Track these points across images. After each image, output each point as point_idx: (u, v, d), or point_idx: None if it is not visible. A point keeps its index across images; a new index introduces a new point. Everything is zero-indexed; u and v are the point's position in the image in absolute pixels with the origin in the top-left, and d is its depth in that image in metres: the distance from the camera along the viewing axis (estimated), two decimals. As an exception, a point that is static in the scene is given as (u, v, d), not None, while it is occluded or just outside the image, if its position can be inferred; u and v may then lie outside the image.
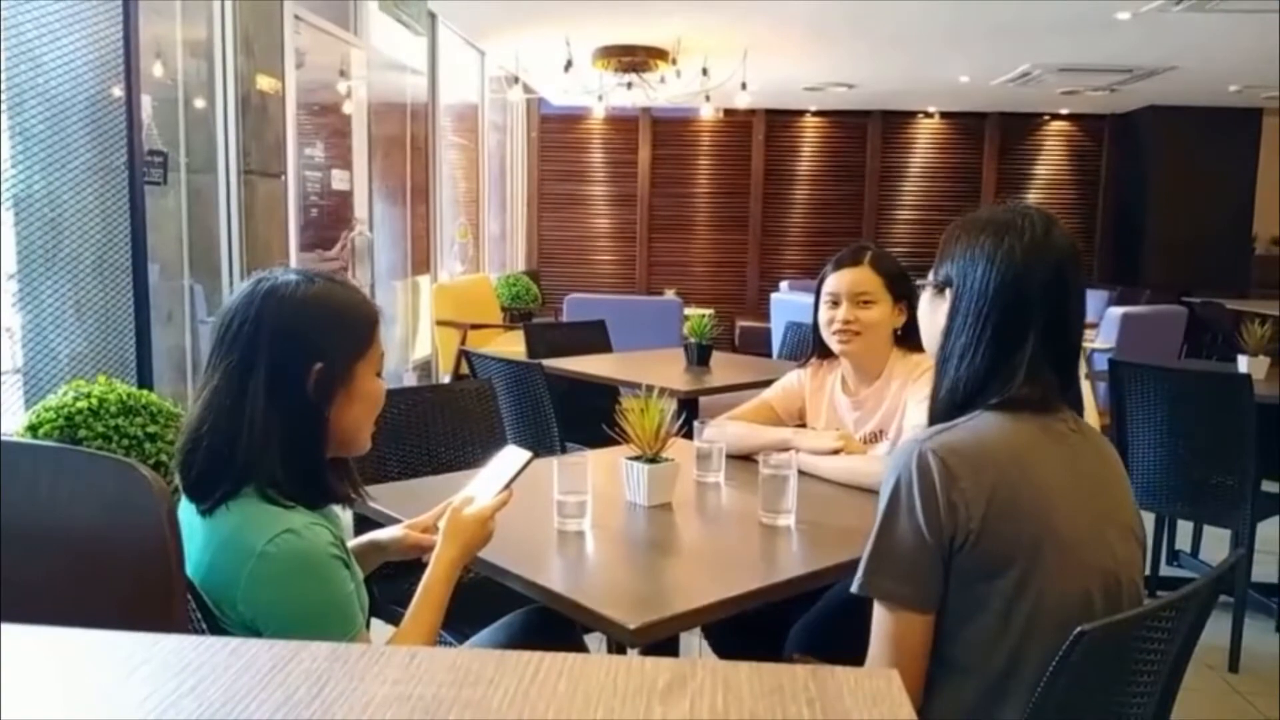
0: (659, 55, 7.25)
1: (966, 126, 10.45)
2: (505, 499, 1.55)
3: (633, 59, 7.28)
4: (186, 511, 1.39)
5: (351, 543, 1.57)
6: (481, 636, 1.86)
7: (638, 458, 1.93)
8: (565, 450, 3.22)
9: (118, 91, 3.14)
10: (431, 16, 6.64)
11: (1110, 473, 1.41)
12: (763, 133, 10.50)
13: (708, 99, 7.93)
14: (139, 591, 1.33)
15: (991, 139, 10.41)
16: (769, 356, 6.17)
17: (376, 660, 0.84)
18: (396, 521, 1.73)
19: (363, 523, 1.85)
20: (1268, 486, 3.31)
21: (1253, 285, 9.36)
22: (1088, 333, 6.10)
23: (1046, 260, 1.36)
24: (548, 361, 3.68)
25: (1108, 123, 10.33)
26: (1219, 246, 9.47)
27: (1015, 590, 1.27)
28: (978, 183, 10.43)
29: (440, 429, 2.65)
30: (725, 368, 3.90)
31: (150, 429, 2.52)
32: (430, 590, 1.46)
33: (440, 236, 7.21)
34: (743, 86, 7.55)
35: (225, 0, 3.92)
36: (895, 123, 10.49)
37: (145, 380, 3.17)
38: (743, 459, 2.20)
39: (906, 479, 1.30)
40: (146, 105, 3.33)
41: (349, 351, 1.40)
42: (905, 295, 2.29)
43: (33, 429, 2.43)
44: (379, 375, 1.46)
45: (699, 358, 3.87)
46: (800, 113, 10.47)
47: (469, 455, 2.65)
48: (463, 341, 6.54)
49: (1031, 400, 1.34)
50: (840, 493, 2.05)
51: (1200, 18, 5.89)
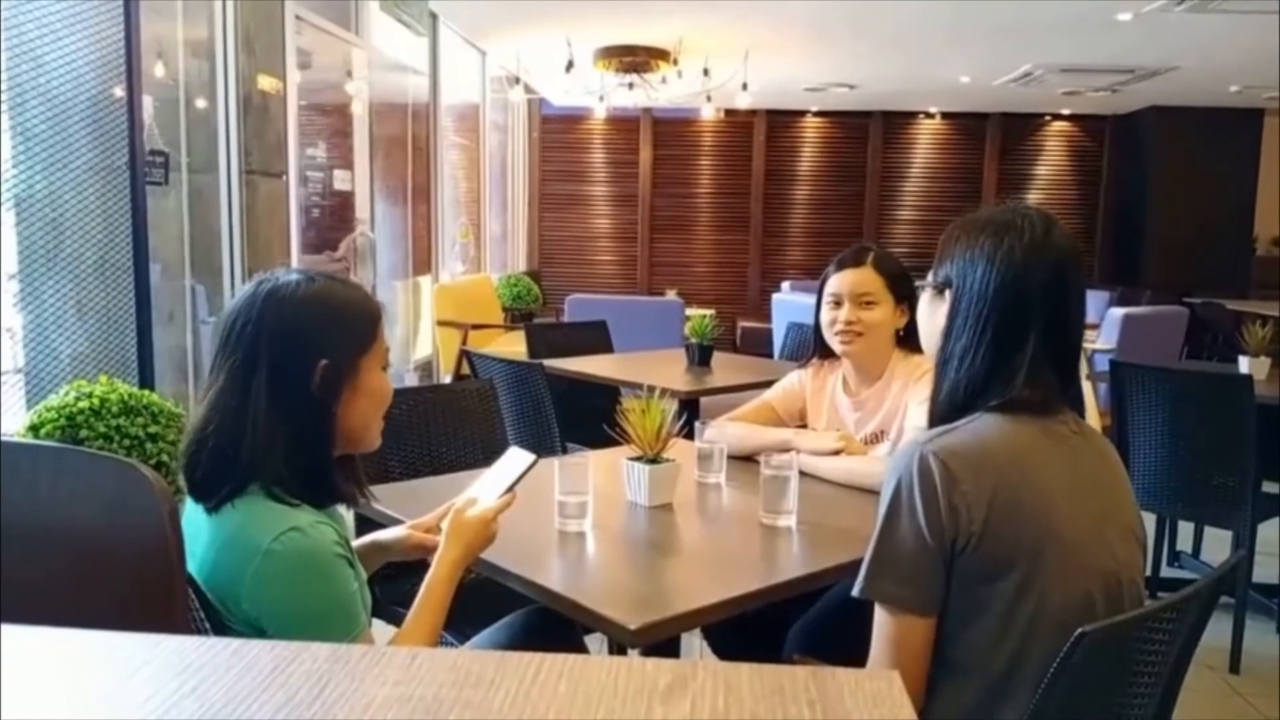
0: (660, 56, 7.24)
1: (967, 127, 10.44)
2: (508, 501, 1.56)
3: (634, 59, 7.27)
4: (192, 510, 1.39)
5: (354, 543, 1.57)
6: (482, 637, 1.86)
7: (639, 458, 1.93)
8: (566, 451, 3.22)
9: (119, 91, 3.14)
10: (432, 16, 6.64)
11: (1111, 474, 1.41)
12: (764, 133, 10.50)
13: (709, 99, 7.93)
14: (140, 592, 1.33)
15: (993, 139, 10.40)
16: (770, 357, 6.17)
17: (377, 661, 0.84)
18: (398, 522, 1.73)
19: (364, 523, 1.85)
20: (1268, 487, 3.30)
21: (1253, 286, 9.35)
22: (1089, 333, 6.10)
23: (1046, 261, 1.35)
24: (549, 362, 3.68)
25: (1109, 123, 10.33)
26: (1220, 247, 9.46)
27: (1016, 592, 1.27)
28: (979, 183, 10.43)
29: (441, 429, 2.65)
30: (726, 368, 3.90)
31: (151, 429, 2.52)
32: (432, 591, 1.46)
33: (441, 237, 7.21)
34: (744, 87, 7.55)
35: (226, 0, 3.92)
36: (896, 123, 10.48)
37: (147, 380, 3.18)
38: (744, 460, 2.20)
39: (907, 482, 1.30)
40: (148, 105, 3.33)
41: (352, 348, 1.40)
42: (907, 296, 2.29)
43: (34, 429, 2.44)
44: (385, 370, 1.46)
45: (700, 358, 3.87)
46: (801, 113, 10.47)
47: (470, 455, 2.65)
48: (464, 342, 6.55)
49: (1032, 402, 1.34)
50: (841, 494, 2.05)
51: (1201, 18, 5.89)
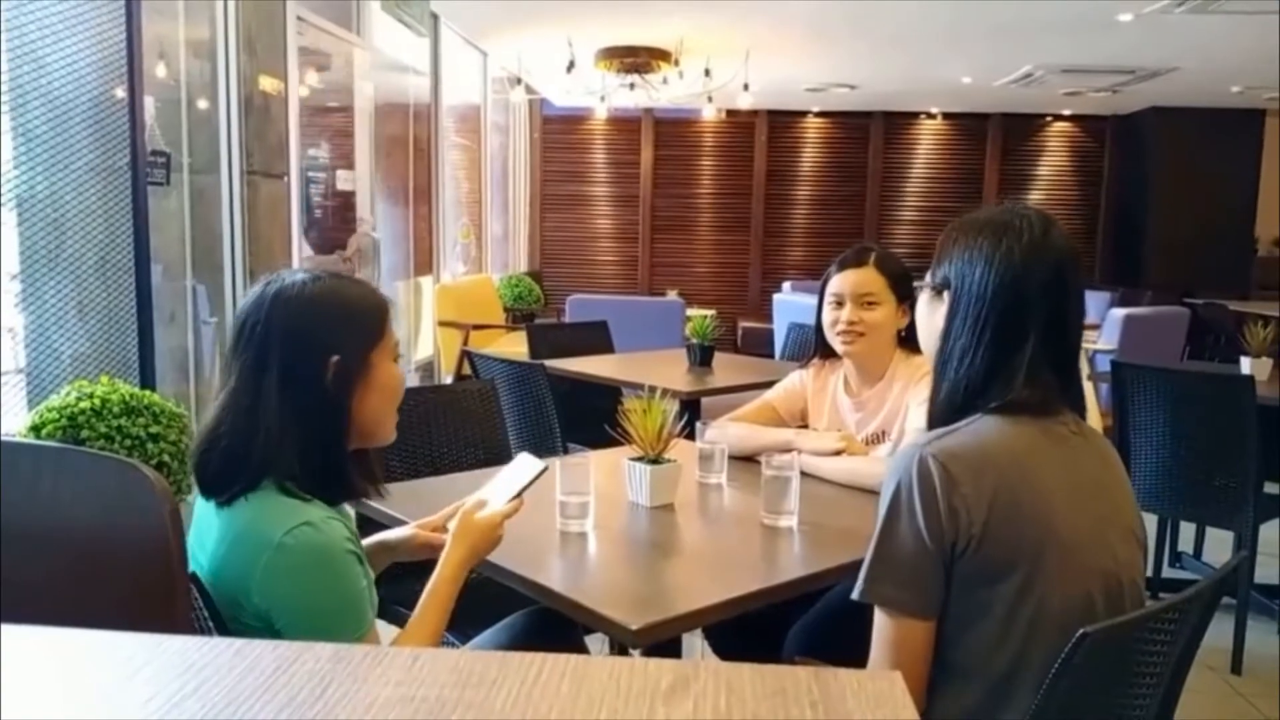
0: (661, 56, 7.24)
1: (969, 127, 10.44)
2: (516, 507, 1.57)
3: (635, 60, 7.27)
4: (202, 507, 1.40)
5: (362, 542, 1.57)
6: (484, 638, 1.86)
7: (640, 459, 1.93)
8: (567, 451, 3.22)
9: (120, 92, 3.14)
10: (434, 17, 6.64)
11: (1111, 475, 1.40)
12: (765, 134, 10.49)
13: (710, 100, 7.93)
14: (141, 591, 1.33)
15: (994, 140, 10.40)
16: (771, 357, 6.17)
17: (379, 662, 0.84)
18: (399, 522, 1.73)
19: (365, 524, 1.85)
20: (1270, 488, 3.30)
21: (1253, 287, 9.35)
22: (1090, 334, 6.10)
23: (1045, 261, 1.35)
24: (550, 362, 3.68)
25: (1110, 124, 10.32)
26: (1221, 248, 9.45)
27: (1017, 594, 1.26)
28: (980, 183, 10.42)
29: (442, 429, 2.65)
30: (727, 369, 3.89)
31: (153, 429, 2.52)
32: (437, 591, 1.47)
33: (443, 237, 7.21)
34: (745, 87, 7.55)
35: (228, 1, 3.92)
36: (897, 124, 10.48)
37: (148, 381, 3.18)
38: (745, 460, 2.20)
39: (907, 484, 1.30)
40: (149, 106, 3.33)
41: (362, 343, 1.42)
42: (909, 296, 2.29)
43: (36, 429, 2.44)
44: (396, 362, 1.48)
45: (701, 359, 3.87)
46: (802, 113, 10.46)
47: (471, 456, 2.65)
48: (465, 342, 6.55)
49: (1031, 403, 1.34)
50: (842, 494, 2.05)
51: (1202, 19, 5.89)
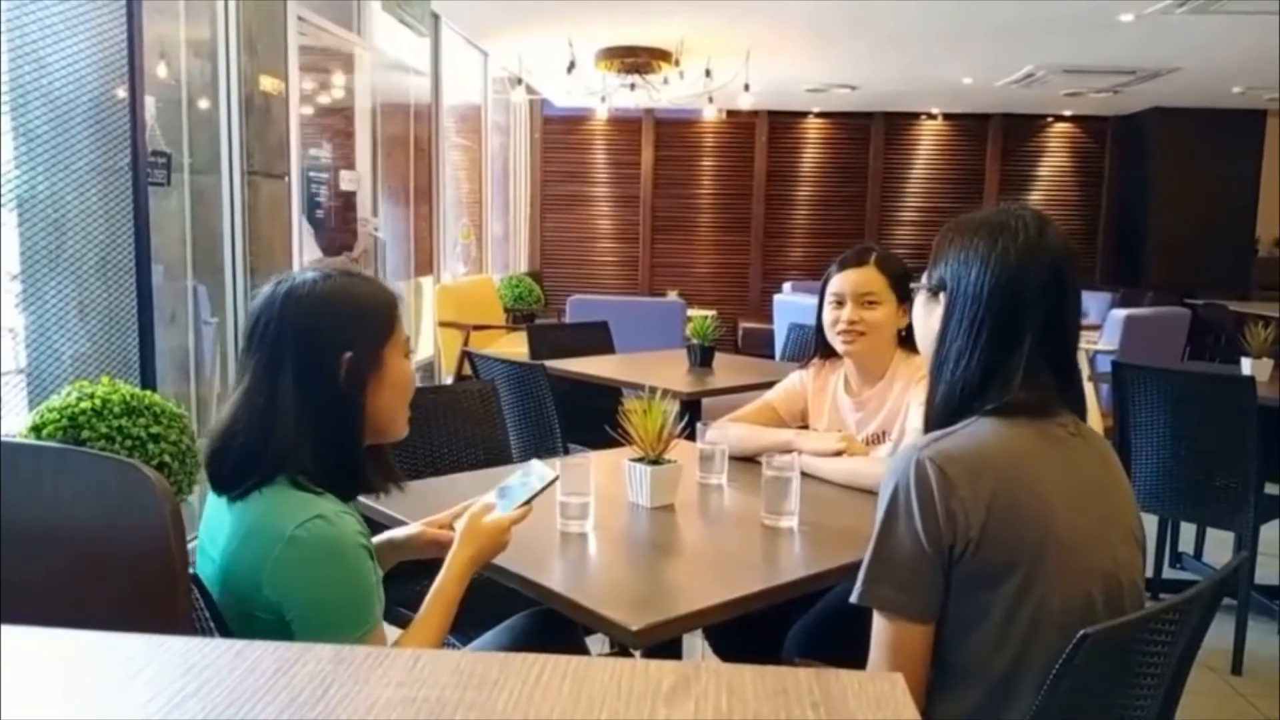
0: (662, 56, 7.24)
1: (969, 128, 10.43)
2: (524, 514, 1.58)
3: (635, 60, 7.27)
4: (214, 504, 1.41)
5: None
6: (485, 639, 1.86)
7: (640, 459, 1.93)
8: (568, 451, 3.22)
9: (121, 92, 3.14)
10: (434, 17, 6.64)
11: (1110, 475, 1.40)
12: (765, 134, 10.49)
13: (710, 100, 7.93)
14: (142, 591, 1.33)
15: (995, 140, 10.39)
16: (772, 358, 6.17)
17: (381, 663, 0.84)
18: (399, 522, 1.73)
19: (366, 524, 1.85)
20: (1270, 489, 3.30)
21: (1254, 287, 9.35)
22: (1091, 334, 6.10)
23: (1041, 261, 1.35)
24: (550, 362, 3.68)
25: (1111, 124, 10.32)
26: (1221, 248, 9.45)
27: (1017, 596, 1.26)
28: (980, 184, 10.42)
29: (443, 430, 2.65)
30: (728, 369, 3.89)
31: (154, 430, 2.52)
32: (443, 591, 1.47)
33: (443, 237, 7.21)
34: (745, 88, 7.55)
35: (229, 1, 3.92)
36: (898, 124, 10.47)
37: (149, 381, 3.18)
38: (745, 461, 2.20)
39: (904, 487, 1.29)
40: (150, 106, 3.33)
41: (374, 339, 1.43)
42: (909, 296, 2.29)
43: (36, 429, 2.44)
44: (407, 358, 1.49)
45: (701, 359, 3.87)
46: (803, 114, 10.46)
47: (472, 456, 2.65)
48: (465, 342, 6.55)
49: (1029, 404, 1.33)
50: (843, 494, 2.05)
51: (1203, 19, 5.89)
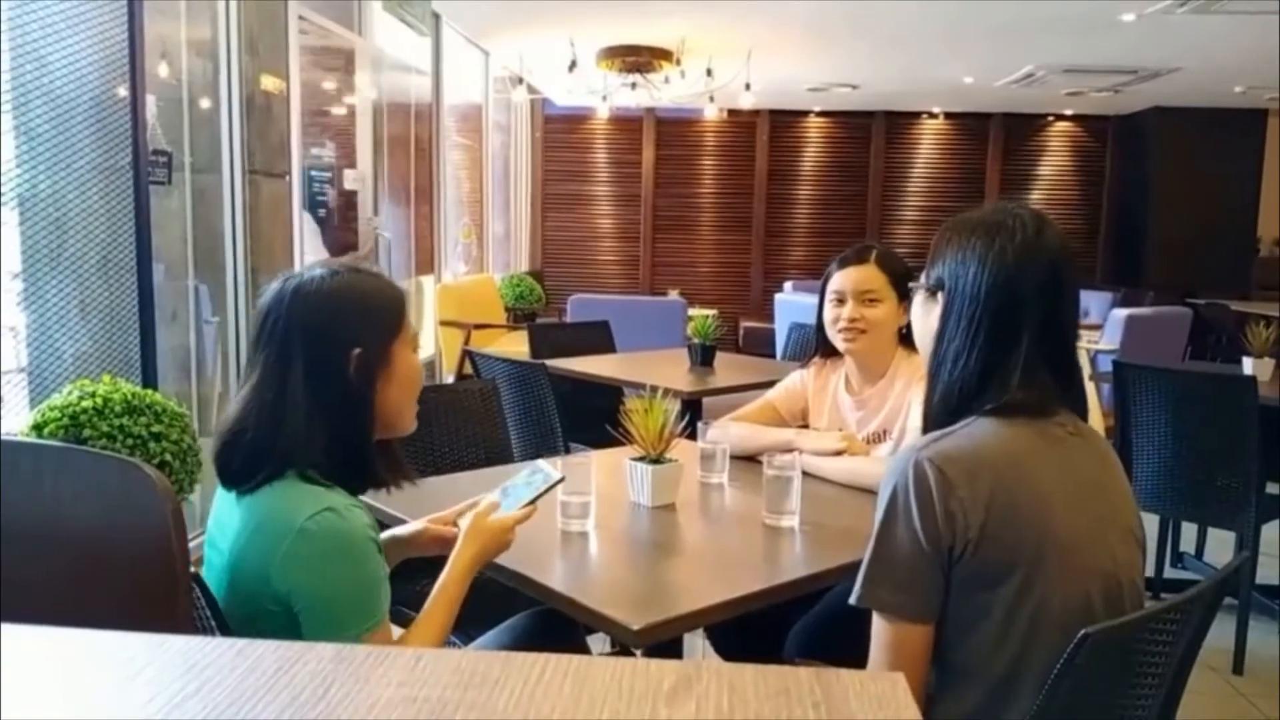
0: (663, 56, 7.24)
1: (970, 127, 10.43)
2: (529, 514, 1.58)
3: (637, 59, 7.27)
4: (223, 497, 1.42)
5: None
6: (486, 638, 1.86)
7: (641, 458, 1.93)
8: (569, 451, 3.22)
9: (122, 91, 3.14)
10: (435, 16, 6.64)
11: (1109, 475, 1.40)
12: (767, 133, 10.49)
13: (712, 99, 7.92)
14: (142, 591, 1.33)
15: (995, 139, 10.39)
16: (773, 357, 6.17)
17: (382, 662, 0.84)
18: (399, 521, 1.73)
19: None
20: (1271, 489, 3.29)
21: (1254, 287, 9.35)
22: (1092, 334, 6.10)
23: (1038, 261, 1.35)
24: (551, 362, 3.67)
25: (1112, 124, 10.31)
26: (1222, 248, 9.44)
27: (1016, 596, 1.26)
28: (981, 183, 10.41)
29: (444, 429, 2.65)
30: (729, 368, 3.89)
31: (155, 429, 2.52)
32: (446, 589, 1.48)
33: (444, 237, 7.21)
34: (746, 87, 7.54)
35: (230, 0, 3.92)
36: (899, 123, 10.47)
37: (150, 380, 3.18)
38: (746, 460, 2.20)
39: (903, 488, 1.29)
40: (151, 105, 3.33)
41: (382, 334, 1.44)
42: (910, 294, 2.29)
43: (38, 428, 2.44)
44: (415, 352, 1.50)
45: (703, 358, 3.87)
46: (804, 113, 10.46)
47: (473, 455, 2.66)
48: (466, 342, 6.55)
49: (1027, 404, 1.33)
50: (844, 494, 2.05)
51: (1204, 19, 5.88)
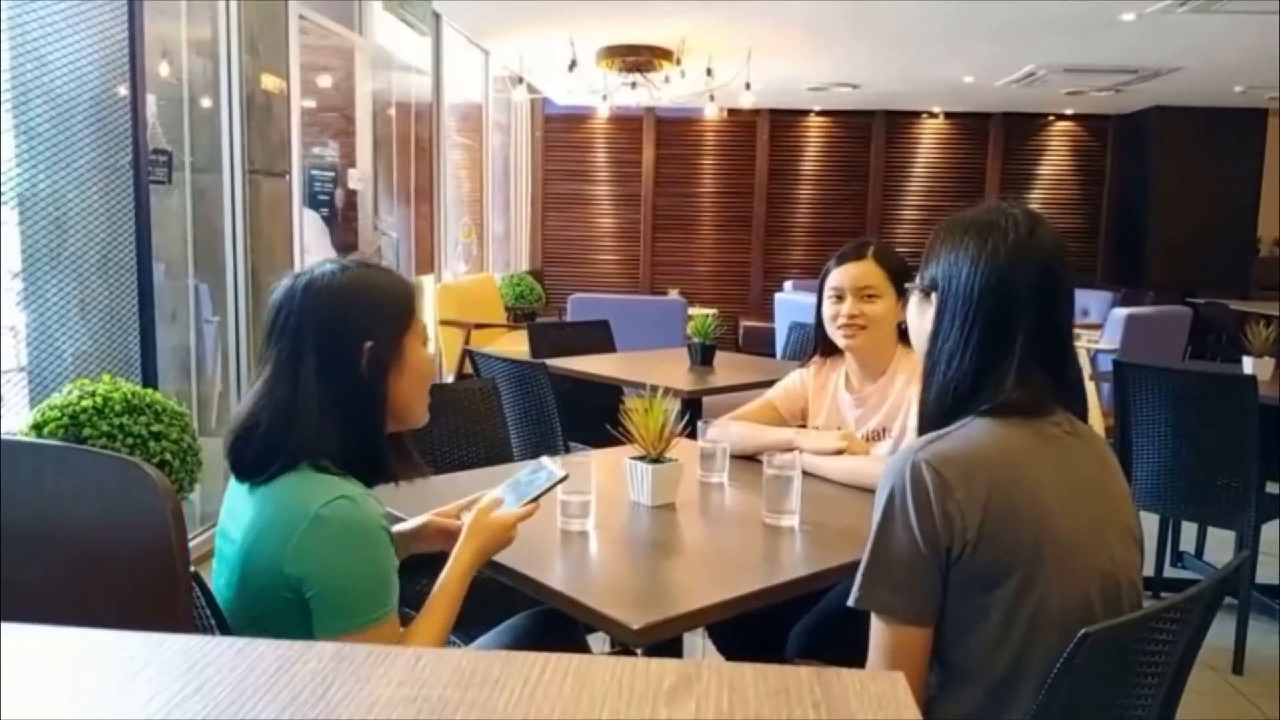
0: (663, 55, 7.24)
1: (971, 126, 10.43)
2: (531, 511, 1.58)
3: (637, 59, 7.27)
4: (236, 488, 1.42)
5: None
6: (487, 638, 1.86)
7: (641, 458, 1.93)
8: (569, 450, 3.22)
9: (123, 91, 3.14)
10: (435, 16, 6.64)
11: (1107, 474, 1.40)
12: (767, 133, 10.49)
13: (712, 99, 7.92)
14: (143, 590, 1.33)
15: (996, 139, 10.39)
16: (773, 356, 6.17)
17: (382, 661, 0.84)
18: (399, 519, 1.73)
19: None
20: (1271, 488, 3.29)
21: (1254, 286, 9.34)
22: (1092, 334, 6.10)
23: (1032, 260, 1.34)
24: (551, 361, 3.67)
25: (1112, 123, 10.31)
26: (1222, 247, 9.44)
27: (1016, 597, 1.26)
28: (982, 182, 10.41)
29: (444, 428, 2.65)
30: (729, 368, 3.89)
31: (155, 428, 2.52)
32: (447, 587, 1.48)
33: (444, 236, 7.21)
34: (746, 87, 7.54)
35: (230, 0, 3.92)
36: (899, 123, 10.47)
37: (150, 379, 3.18)
38: (746, 459, 2.20)
39: (900, 490, 1.29)
40: (151, 104, 3.33)
41: (393, 328, 1.45)
42: (907, 293, 2.29)
43: (38, 427, 2.44)
44: (425, 345, 1.51)
45: (703, 358, 3.87)
46: (804, 113, 10.45)
47: (472, 455, 2.66)
48: (466, 341, 6.55)
49: (1023, 404, 1.33)
50: (844, 493, 2.05)
51: (1204, 19, 5.88)
